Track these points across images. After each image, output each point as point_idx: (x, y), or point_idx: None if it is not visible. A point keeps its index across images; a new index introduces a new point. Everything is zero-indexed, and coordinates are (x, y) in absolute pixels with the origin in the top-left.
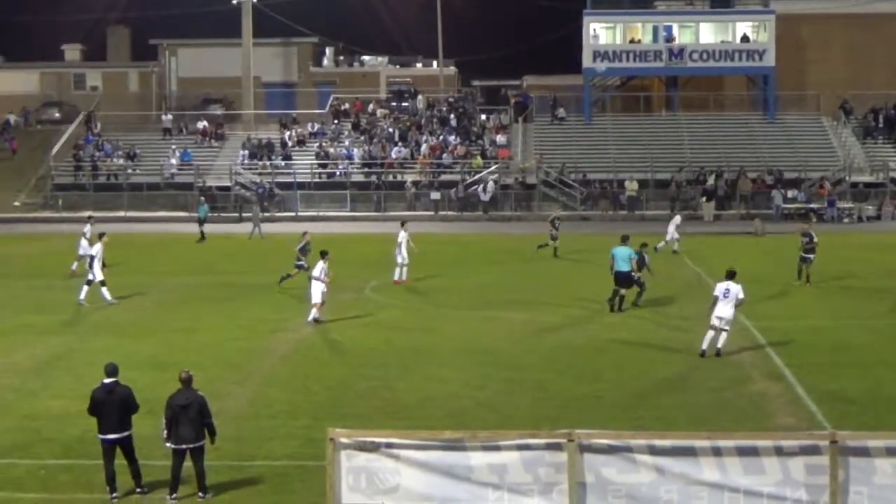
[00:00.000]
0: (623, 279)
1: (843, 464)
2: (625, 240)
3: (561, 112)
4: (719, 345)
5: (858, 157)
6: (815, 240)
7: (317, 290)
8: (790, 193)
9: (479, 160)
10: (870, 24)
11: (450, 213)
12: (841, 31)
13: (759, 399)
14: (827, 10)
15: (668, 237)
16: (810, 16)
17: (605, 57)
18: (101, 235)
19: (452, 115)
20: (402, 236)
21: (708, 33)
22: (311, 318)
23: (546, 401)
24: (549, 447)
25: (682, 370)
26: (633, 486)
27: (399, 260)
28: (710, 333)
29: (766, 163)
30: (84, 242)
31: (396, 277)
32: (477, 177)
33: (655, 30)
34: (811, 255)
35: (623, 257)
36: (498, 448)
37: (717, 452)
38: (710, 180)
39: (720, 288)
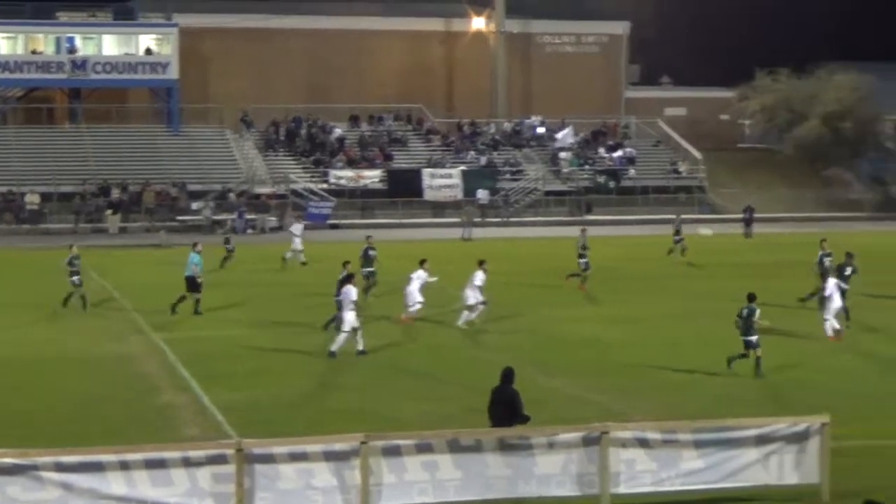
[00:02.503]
0: (189, 283)
1: (248, 471)
2: (194, 246)
3: None
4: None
5: (260, 169)
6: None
7: None
8: (194, 205)
9: None
10: (269, 38)
11: None
12: (242, 44)
13: (167, 410)
14: (228, 24)
15: (296, 247)
16: (213, 30)
17: (5, 67)
18: None
19: None
20: None
21: (112, 46)
22: None
23: None
24: None
25: (91, 384)
26: None
27: None
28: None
29: (171, 175)
30: None
31: None
32: None
33: (58, 41)
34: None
35: (191, 262)
36: None
37: (124, 466)
38: (116, 192)
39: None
